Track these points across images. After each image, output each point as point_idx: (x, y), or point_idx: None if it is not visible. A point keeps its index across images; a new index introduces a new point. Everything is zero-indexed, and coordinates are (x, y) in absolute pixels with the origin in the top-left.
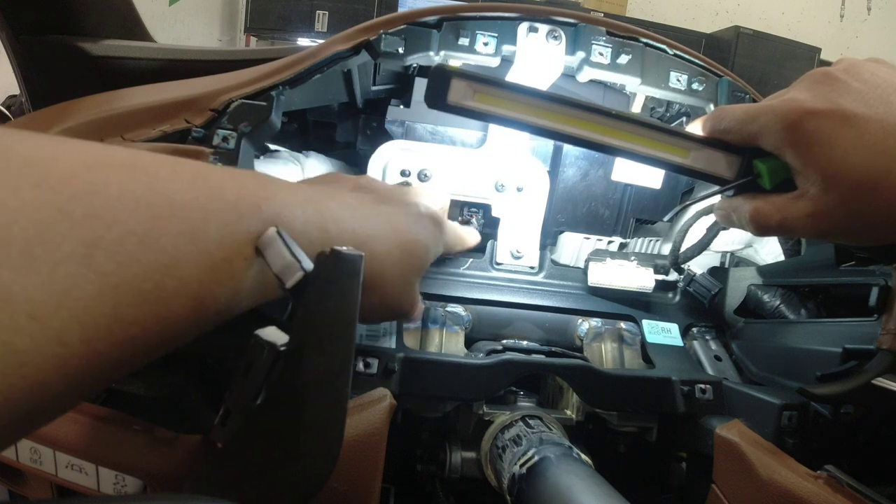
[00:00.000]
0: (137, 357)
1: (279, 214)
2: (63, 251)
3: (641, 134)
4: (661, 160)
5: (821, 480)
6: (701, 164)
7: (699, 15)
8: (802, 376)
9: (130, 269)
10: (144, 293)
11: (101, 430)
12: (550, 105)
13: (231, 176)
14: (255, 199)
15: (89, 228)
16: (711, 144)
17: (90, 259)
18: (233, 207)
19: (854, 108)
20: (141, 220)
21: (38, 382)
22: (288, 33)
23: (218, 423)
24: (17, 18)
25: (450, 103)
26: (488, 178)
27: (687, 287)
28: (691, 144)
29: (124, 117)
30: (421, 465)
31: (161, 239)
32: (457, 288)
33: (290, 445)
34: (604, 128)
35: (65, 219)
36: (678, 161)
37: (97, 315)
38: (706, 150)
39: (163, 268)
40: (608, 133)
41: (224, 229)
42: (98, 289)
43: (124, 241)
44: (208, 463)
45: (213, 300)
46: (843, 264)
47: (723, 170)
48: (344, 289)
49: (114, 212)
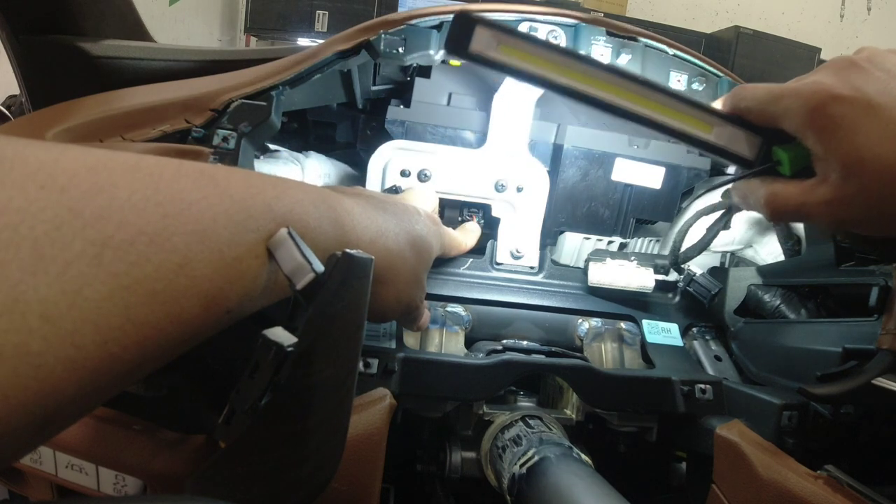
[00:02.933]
0: (151, 359)
1: (291, 211)
2: (73, 251)
3: (667, 104)
4: (684, 133)
5: (821, 480)
6: (723, 140)
7: (699, 15)
8: (802, 376)
9: (142, 269)
10: (156, 293)
11: (101, 430)
12: (577, 65)
13: (238, 175)
14: (265, 198)
15: (99, 228)
16: (734, 122)
17: (101, 259)
18: (241, 206)
19: (878, 97)
20: (150, 220)
21: (53, 386)
22: (288, 33)
23: (222, 422)
24: (17, 18)
25: (472, 52)
26: (488, 178)
27: (687, 287)
28: (715, 120)
29: (124, 117)
30: (421, 465)
31: (172, 238)
32: (457, 288)
33: (296, 446)
34: (629, 94)
35: (74, 218)
36: (701, 135)
37: (110, 316)
38: (729, 126)
39: (175, 267)
40: (633, 100)
41: (234, 228)
42: (110, 289)
43: (135, 240)
44: (212, 463)
45: (225, 299)
46: (843, 264)
47: (743, 149)
48: (354, 291)
49: (123, 212)
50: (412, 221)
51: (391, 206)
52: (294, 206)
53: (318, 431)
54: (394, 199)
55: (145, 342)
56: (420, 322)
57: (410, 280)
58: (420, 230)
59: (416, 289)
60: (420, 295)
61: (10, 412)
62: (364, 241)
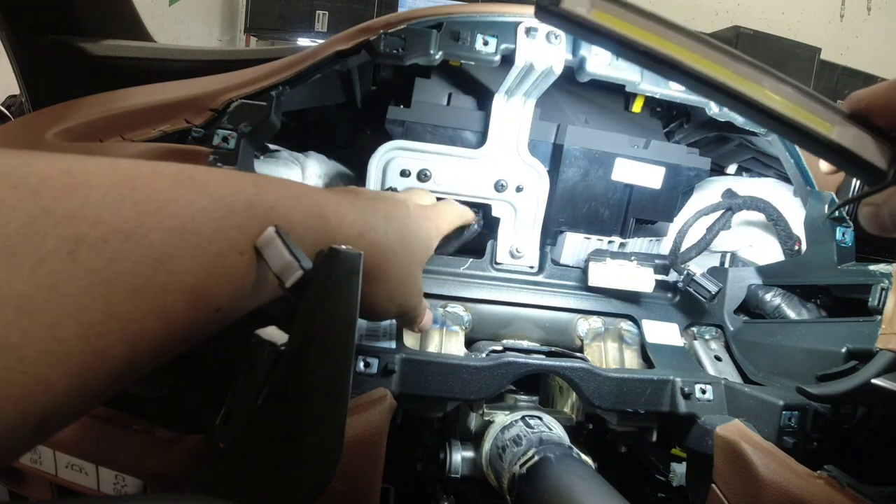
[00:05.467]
0: (142, 357)
1: (273, 208)
2: (46, 247)
3: (779, 91)
4: (801, 127)
5: (821, 480)
6: (848, 142)
7: (699, 15)
8: (802, 376)
9: (119, 265)
10: (137, 288)
11: (101, 430)
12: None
13: (218, 174)
14: (245, 195)
15: (72, 226)
16: (861, 122)
17: (75, 255)
18: (221, 203)
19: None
20: (126, 218)
21: (39, 381)
22: (288, 33)
23: (220, 423)
24: (17, 18)
25: (563, 10)
26: (488, 177)
27: (687, 287)
28: (838, 118)
29: (124, 117)
30: (421, 465)
31: (149, 235)
32: (456, 287)
33: (293, 445)
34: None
35: (47, 217)
36: (822, 134)
37: (90, 310)
38: (853, 128)
39: (153, 262)
40: (742, 84)
41: (214, 224)
42: (87, 284)
43: (110, 237)
44: (210, 463)
45: (212, 296)
46: (843, 264)
47: (873, 156)
48: (344, 287)
49: (97, 210)
50: (401, 216)
51: (381, 202)
52: (276, 203)
53: (315, 430)
54: (383, 195)
55: (133, 338)
56: (420, 323)
57: (402, 276)
58: (410, 225)
59: (410, 285)
60: (414, 292)
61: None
62: (351, 236)
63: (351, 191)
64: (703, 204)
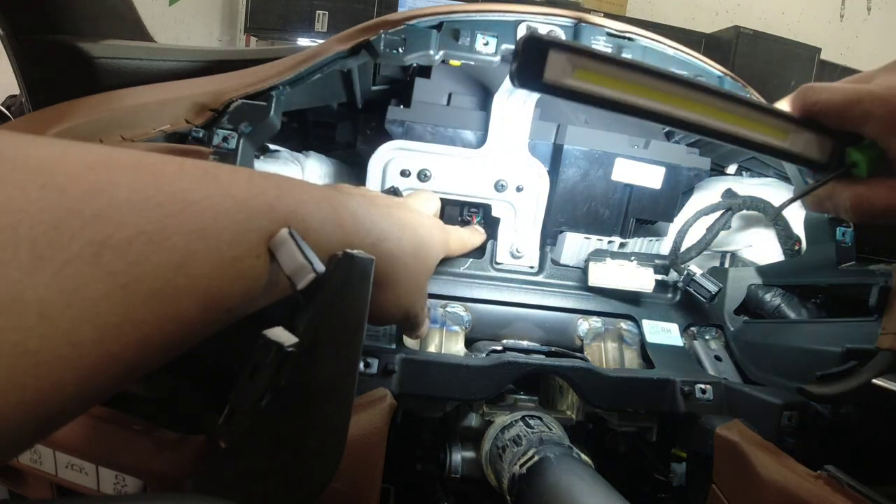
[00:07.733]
0: (151, 358)
1: (294, 212)
2: (71, 251)
3: (746, 115)
4: (764, 144)
5: (821, 480)
6: (799, 147)
7: (699, 15)
8: (802, 376)
9: (140, 268)
10: (155, 292)
11: (101, 430)
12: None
13: (241, 175)
14: (267, 198)
15: (98, 228)
16: (809, 126)
17: (99, 258)
18: (243, 206)
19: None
20: (150, 220)
21: (53, 384)
22: (288, 33)
23: (222, 422)
24: (16, 18)
25: (546, 82)
26: (488, 177)
27: (687, 287)
28: (791, 126)
29: (124, 117)
30: (421, 465)
31: (172, 237)
32: (457, 287)
33: (296, 447)
34: (710, 108)
35: (73, 218)
36: (778, 144)
37: (108, 314)
38: (804, 132)
39: (174, 266)
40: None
41: (235, 227)
42: (108, 288)
43: (134, 240)
44: (212, 463)
45: (225, 298)
46: (843, 264)
47: (816, 153)
48: (355, 292)
49: (122, 212)
50: (416, 227)
51: (396, 211)
52: (297, 207)
53: (319, 432)
54: (398, 203)
55: (145, 341)
56: (420, 331)
57: (411, 286)
58: (423, 235)
59: (417, 294)
60: (420, 301)
61: (10, 409)
62: (366, 244)
63: (367, 196)
64: (703, 204)
